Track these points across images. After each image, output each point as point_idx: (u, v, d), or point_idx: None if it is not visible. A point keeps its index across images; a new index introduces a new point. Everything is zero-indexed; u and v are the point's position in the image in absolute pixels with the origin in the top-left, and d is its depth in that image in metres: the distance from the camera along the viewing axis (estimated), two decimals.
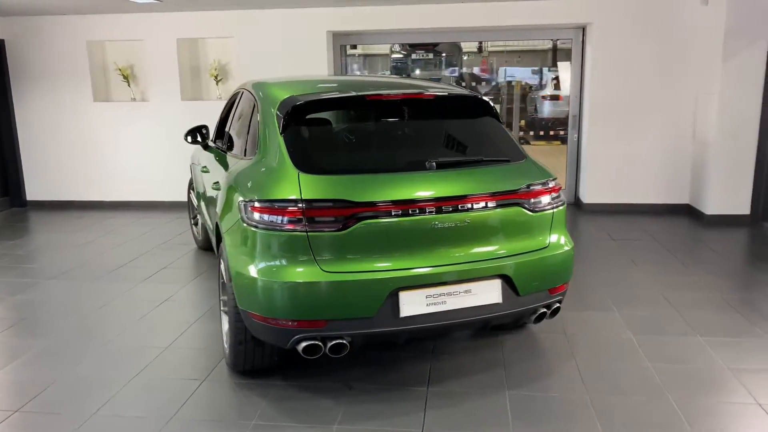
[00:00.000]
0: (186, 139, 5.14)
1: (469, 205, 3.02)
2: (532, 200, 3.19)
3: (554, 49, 12.91)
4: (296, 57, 7.54)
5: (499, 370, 3.50)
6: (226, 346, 3.58)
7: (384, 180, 3.02)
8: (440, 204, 2.97)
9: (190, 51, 8.04)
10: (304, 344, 2.95)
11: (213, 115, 7.77)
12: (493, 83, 12.56)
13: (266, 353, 3.34)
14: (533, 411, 3.10)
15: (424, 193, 2.97)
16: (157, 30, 7.73)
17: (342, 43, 7.90)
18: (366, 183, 2.99)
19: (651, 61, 7.10)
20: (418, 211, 2.94)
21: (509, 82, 12.62)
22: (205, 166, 4.68)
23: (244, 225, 3.05)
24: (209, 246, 5.89)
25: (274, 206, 2.94)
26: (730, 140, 6.61)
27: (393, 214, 2.91)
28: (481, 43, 14.99)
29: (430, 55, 12.70)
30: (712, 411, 3.06)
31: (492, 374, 3.46)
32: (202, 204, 5.00)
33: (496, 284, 3.07)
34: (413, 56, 12.61)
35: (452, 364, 3.58)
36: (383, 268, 2.92)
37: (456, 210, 2.99)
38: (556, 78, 14.33)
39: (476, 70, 13.45)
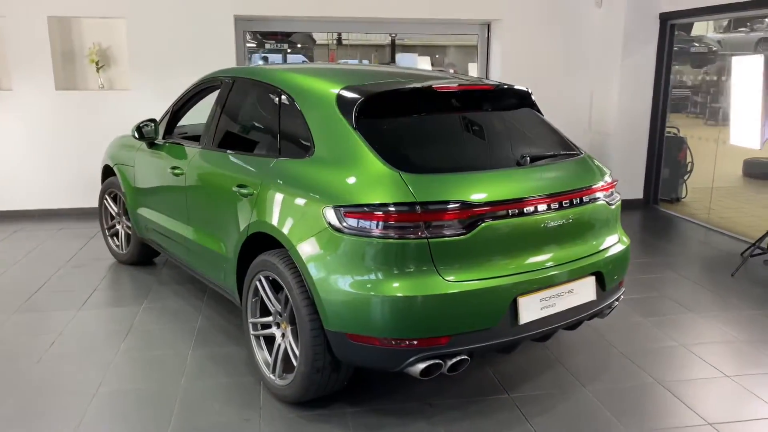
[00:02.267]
0: (136, 134, 4.34)
1: (574, 201, 2.92)
2: (608, 194, 3.18)
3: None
4: (198, 43, 6.78)
5: (559, 368, 3.46)
6: (271, 376, 3.12)
7: (496, 177, 2.81)
8: (551, 201, 2.83)
9: (61, 32, 6.85)
10: (423, 365, 2.63)
11: (95, 107, 6.75)
12: None
13: (340, 378, 2.95)
14: (623, 400, 3.11)
15: (536, 190, 2.81)
16: (22, 5, 6.46)
17: (245, 29, 7.27)
18: (478, 181, 2.75)
19: (555, 58, 7.52)
20: (533, 210, 2.77)
21: None
22: (177, 167, 3.98)
23: (339, 234, 2.64)
24: (140, 259, 5.10)
25: (381, 211, 2.57)
26: (628, 131, 7.26)
27: (510, 213, 2.71)
28: (339, 35, 14.88)
29: (285, 45, 12.33)
30: None
31: (556, 372, 3.41)
32: (164, 212, 4.27)
33: (591, 281, 3.02)
34: (266, 45, 12.15)
35: (512, 367, 3.46)
36: (505, 273, 2.71)
37: (562, 207, 2.88)
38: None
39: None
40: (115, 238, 5.36)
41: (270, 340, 3.22)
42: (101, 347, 3.72)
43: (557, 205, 2.86)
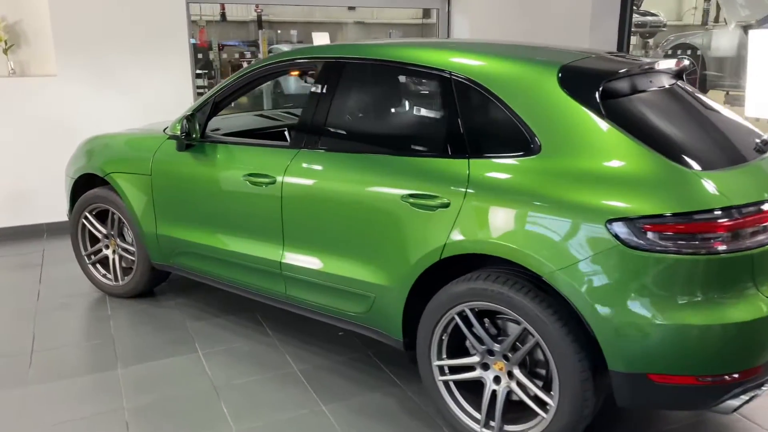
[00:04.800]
0: (184, 133, 3.34)
1: None
2: None
3: None
4: (140, 18, 5.58)
5: None
6: (483, 430, 2.50)
7: (760, 167, 2.40)
8: None
9: None
10: (738, 401, 2.20)
11: (7, 99, 5.29)
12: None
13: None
14: None
15: None
16: None
17: (191, 1, 6.12)
18: (754, 174, 2.34)
19: (524, 33, 7.28)
20: None
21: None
22: (261, 175, 3.10)
23: (637, 253, 2.11)
24: (145, 290, 4.05)
25: (699, 220, 2.08)
26: None
27: None
28: (260, 12, 13.82)
29: None
30: None
31: None
32: (224, 232, 3.34)
33: None
34: None
35: None
36: None
37: None
38: None
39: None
40: (99, 266, 4.21)
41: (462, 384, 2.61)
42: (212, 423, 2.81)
43: None
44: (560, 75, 2.43)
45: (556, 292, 2.28)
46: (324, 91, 3.01)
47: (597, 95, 2.35)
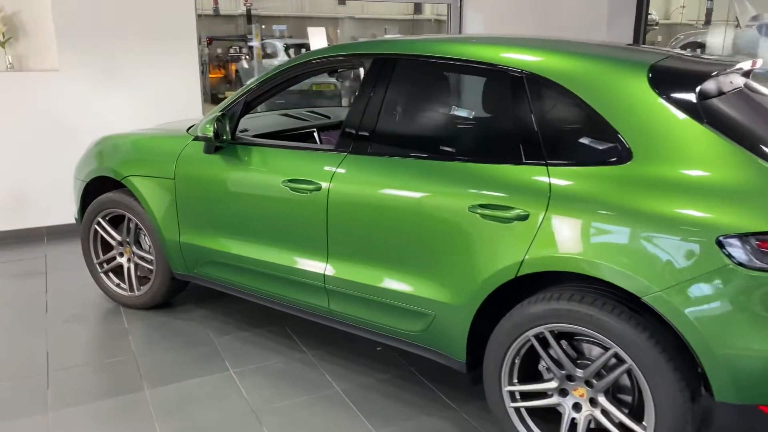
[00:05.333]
0: (214, 134, 3.08)
1: None
2: None
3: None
4: (147, 11, 5.28)
5: None
6: None
7: None
8: None
9: None
10: None
11: (5, 95, 4.96)
12: None
13: None
14: None
15: None
16: None
17: None
18: None
19: (539, 29, 7.10)
20: None
21: None
22: (304, 181, 2.86)
23: (753, 273, 1.91)
24: (163, 301, 3.80)
25: None
26: None
27: None
28: (249, 7, 13.57)
29: None
30: None
31: None
32: (257, 241, 3.10)
33: None
34: None
35: None
36: None
37: None
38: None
39: None
40: (112, 275, 3.94)
41: (535, 411, 2.40)
42: None
43: None
44: (650, 75, 2.23)
45: (652, 314, 2.08)
46: (374, 90, 2.78)
47: (695, 98, 2.15)
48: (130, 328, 3.62)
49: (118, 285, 3.92)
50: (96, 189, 3.86)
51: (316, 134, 3.83)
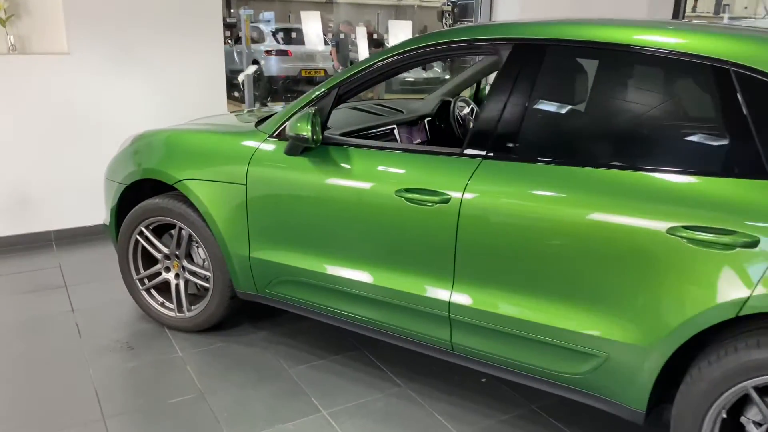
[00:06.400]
0: (311, 134, 2.58)
1: None
2: None
3: None
4: None
5: None
6: None
7: None
8: None
9: None
10: None
11: (7, 81, 4.32)
12: None
13: None
14: None
15: None
16: None
17: None
18: None
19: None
20: None
21: None
22: (415, 189, 2.39)
23: None
24: (217, 323, 3.31)
25: None
26: None
27: None
28: None
29: None
30: None
31: None
32: (359, 261, 2.62)
33: None
34: None
35: None
36: None
37: None
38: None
39: None
40: (155, 293, 3.41)
41: None
42: None
43: None
44: None
45: None
46: (516, 83, 2.31)
47: None
48: (185, 356, 3.11)
49: (162, 304, 3.40)
50: (141, 195, 3.33)
51: (396, 132, 3.35)
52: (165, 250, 3.28)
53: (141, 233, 3.30)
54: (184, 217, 3.12)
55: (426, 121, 3.64)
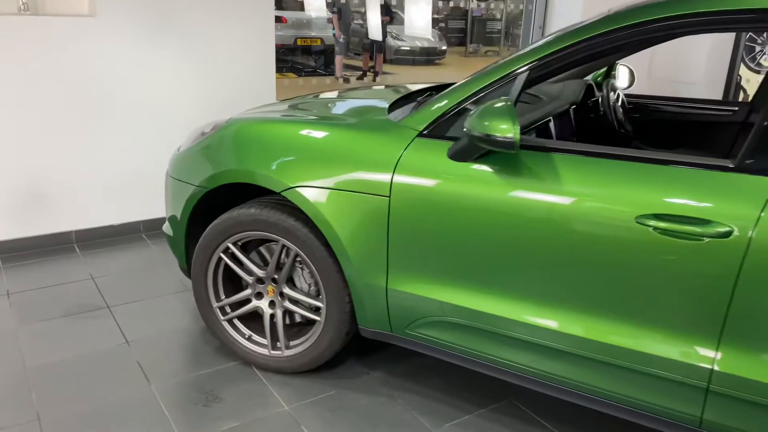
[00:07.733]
0: (511, 134, 1.88)
1: None
2: None
3: None
4: None
5: None
6: None
7: None
8: None
9: None
10: None
11: (21, 47, 3.48)
12: None
13: None
14: None
15: None
16: None
17: None
18: None
19: None
20: None
21: None
22: (670, 217, 1.75)
23: None
24: (319, 365, 2.65)
25: None
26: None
27: None
28: None
29: None
30: None
31: None
32: (570, 306, 1.98)
33: None
34: None
35: None
36: None
37: None
38: None
39: None
40: (239, 324, 2.71)
41: None
42: None
43: None
44: None
45: None
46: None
47: None
48: (295, 412, 2.43)
49: (250, 338, 2.70)
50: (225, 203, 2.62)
51: (552, 126, 2.67)
52: (259, 272, 2.57)
53: (227, 250, 2.58)
54: (291, 233, 2.41)
55: (572, 109, 2.98)
